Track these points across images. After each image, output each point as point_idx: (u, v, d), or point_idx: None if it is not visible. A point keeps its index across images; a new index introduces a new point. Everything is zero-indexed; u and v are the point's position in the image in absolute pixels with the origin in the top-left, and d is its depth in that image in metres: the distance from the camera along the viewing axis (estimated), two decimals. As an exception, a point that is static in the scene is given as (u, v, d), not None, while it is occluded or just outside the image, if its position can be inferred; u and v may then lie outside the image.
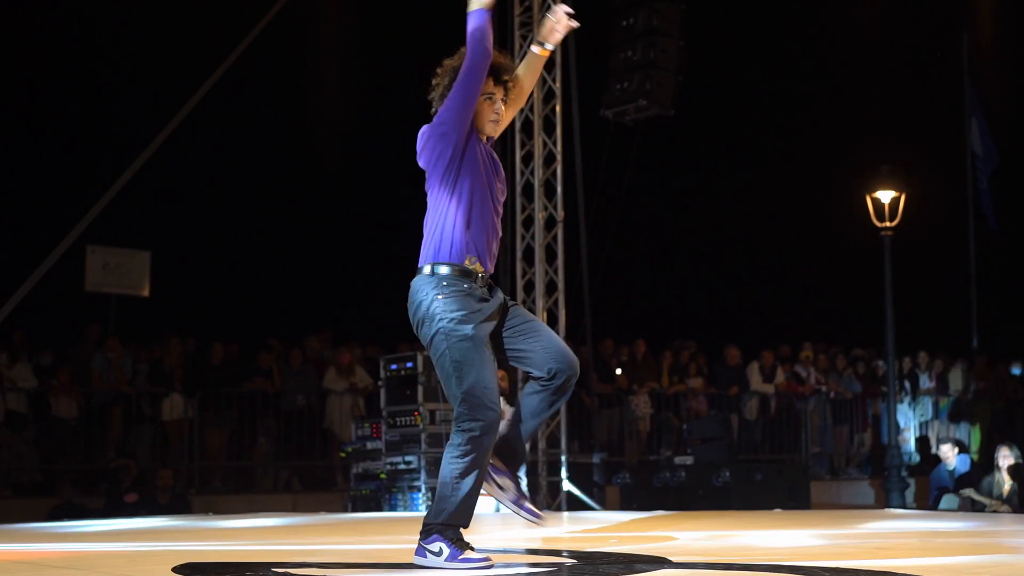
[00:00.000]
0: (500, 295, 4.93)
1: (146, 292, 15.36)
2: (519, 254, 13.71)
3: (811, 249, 21.76)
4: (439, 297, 4.75)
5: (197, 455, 14.02)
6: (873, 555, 5.37)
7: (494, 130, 4.98)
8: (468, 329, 4.72)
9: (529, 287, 13.60)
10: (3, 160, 17.36)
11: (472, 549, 4.77)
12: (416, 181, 5.04)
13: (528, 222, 13.75)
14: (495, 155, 5.05)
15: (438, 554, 4.71)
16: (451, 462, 4.75)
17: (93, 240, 14.37)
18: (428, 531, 4.78)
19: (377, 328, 16.75)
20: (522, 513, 5.00)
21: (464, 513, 4.77)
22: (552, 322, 13.57)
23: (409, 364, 11.97)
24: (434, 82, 4.98)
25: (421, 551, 4.78)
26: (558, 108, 13.49)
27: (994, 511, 12.37)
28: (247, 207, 18.50)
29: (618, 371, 16.26)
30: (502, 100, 4.94)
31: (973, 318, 21.81)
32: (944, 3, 23.17)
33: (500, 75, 4.92)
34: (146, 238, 15.76)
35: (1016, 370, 20.14)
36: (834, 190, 19.72)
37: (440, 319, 4.73)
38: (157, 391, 14.05)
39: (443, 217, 4.83)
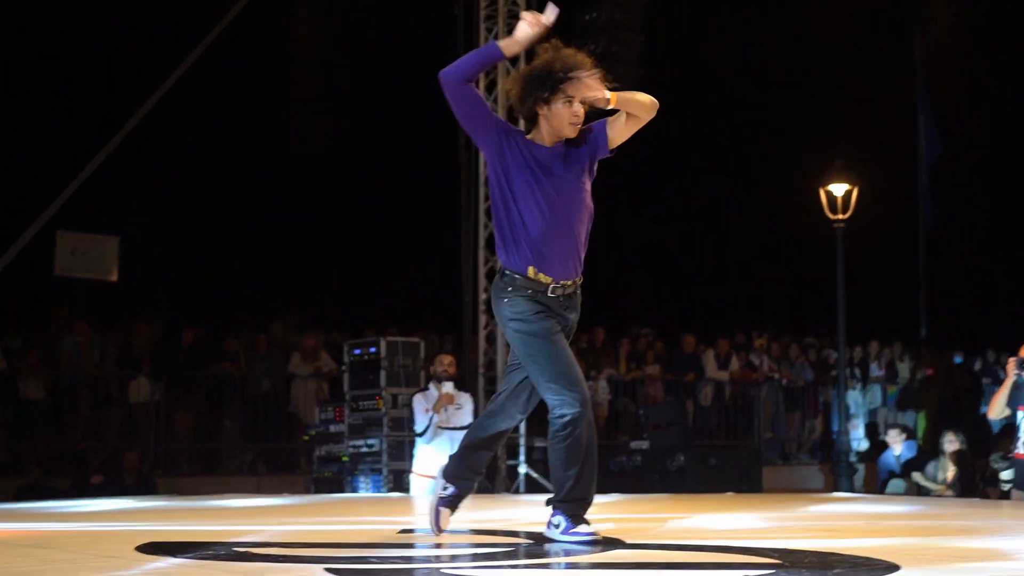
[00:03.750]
0: (572, 317, 5.16)
1: (114, 277, 15.39)
2: (481, 242, 13.92)
3: (766, 240, 21.93)
4: (505, 300, 5.04)
5: (164, 437, 14.16)
6: (821, 536, 5.51)
7: (574, 132, 5.06)
8: (534, 326, 5.00)
9: (492, 274, 13.79)
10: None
11: (586, 523, 5.10)
12: (380, 169, 5.25)
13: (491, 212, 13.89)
14: (586, 156, 5.15)
15: (557, 526, 5.09)
16: (556, 451, 5.19)
17: (62, 225, 14.42)
18: (553, 507, 5.17)
19: (342, 314, 16.94)
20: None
21: (583, 491, 5.15)
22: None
23: (372, 349, 12.14)
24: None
25: (549, 525, 5.15)
26: (520, 100, 13.62)
27: (939, 495, 12.65)
28: (215, 194, 18.52)
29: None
30: (580, 102, 5.03)
31: (921, 309, 22.27)
32: (898, 2, 23.57)
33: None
34: (115, 224, 15.83)
35: (959, 359, 20.60)
36: (789, 183, 19.95)
37: (510, 320, 5.04)
38: (125, 374, 14.16)
39: (508, 221, 5.08)
